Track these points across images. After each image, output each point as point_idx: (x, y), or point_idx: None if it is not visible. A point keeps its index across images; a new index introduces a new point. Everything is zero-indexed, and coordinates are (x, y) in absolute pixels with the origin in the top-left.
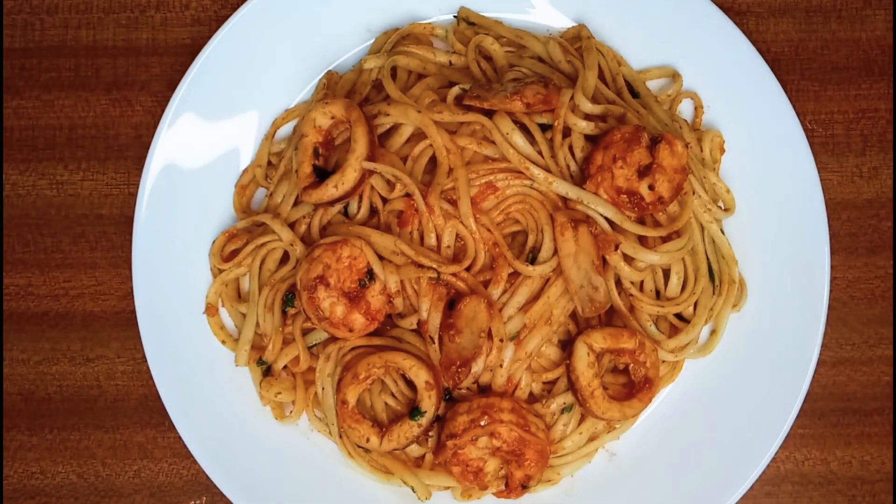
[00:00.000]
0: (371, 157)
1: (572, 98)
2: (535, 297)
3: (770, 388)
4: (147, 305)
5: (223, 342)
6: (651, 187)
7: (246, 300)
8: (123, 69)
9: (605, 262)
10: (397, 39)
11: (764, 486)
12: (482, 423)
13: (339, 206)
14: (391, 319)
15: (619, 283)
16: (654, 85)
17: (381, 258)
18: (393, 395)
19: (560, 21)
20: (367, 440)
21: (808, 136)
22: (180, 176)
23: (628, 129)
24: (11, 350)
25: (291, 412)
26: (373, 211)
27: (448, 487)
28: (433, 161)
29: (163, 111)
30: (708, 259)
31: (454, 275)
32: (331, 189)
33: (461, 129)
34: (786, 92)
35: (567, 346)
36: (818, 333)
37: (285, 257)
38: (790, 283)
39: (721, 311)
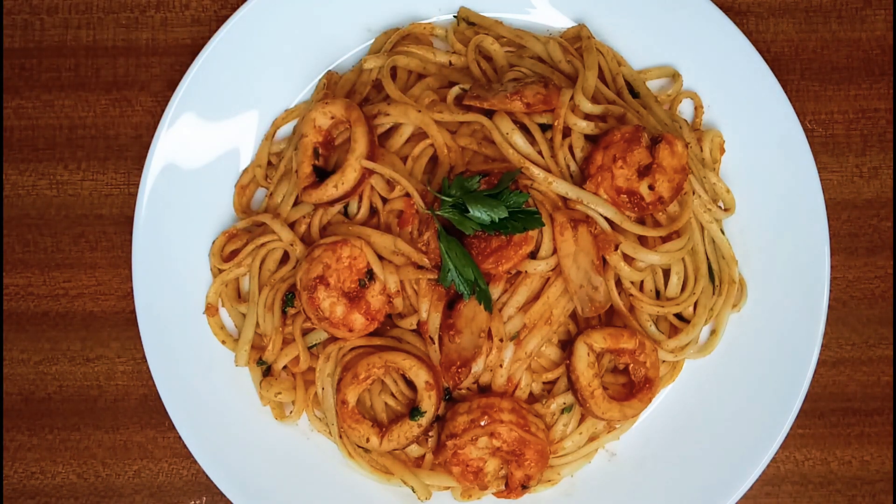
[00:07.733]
0: (371, 157)
1: (572, 98)
2: (534, 297)
3: (770, 388)
4: (147, 305)
5: (223, 342)
6: (651, 187)
7: (246, 300)
8: (123, 69)
9: (605, 262)
10: (397, 39)
11: (764, 486)
12: (482, 423)
13: (338, 206)
14: (391, 319)
15: (619, 283)
16: (654, 85)
17: (380, 258)
18: (393, 395)
19: (560, 21)
20: (367, 440)
21: (808, 136)
22: (180, 176)
23: (628, 129)
24: (11, 350)
25: (291, 412)
26: (373, 211)
27: (448, 487)
28: (433, 161)
29: (163, 111)
30: (708, 259)
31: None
32: (331, 189)
33: (461, 130)
34: (786, 92)
35: (567, 346)
36: (818, 333)
37: (285, 257)
38: (790, 283)
39: (721, 311)
